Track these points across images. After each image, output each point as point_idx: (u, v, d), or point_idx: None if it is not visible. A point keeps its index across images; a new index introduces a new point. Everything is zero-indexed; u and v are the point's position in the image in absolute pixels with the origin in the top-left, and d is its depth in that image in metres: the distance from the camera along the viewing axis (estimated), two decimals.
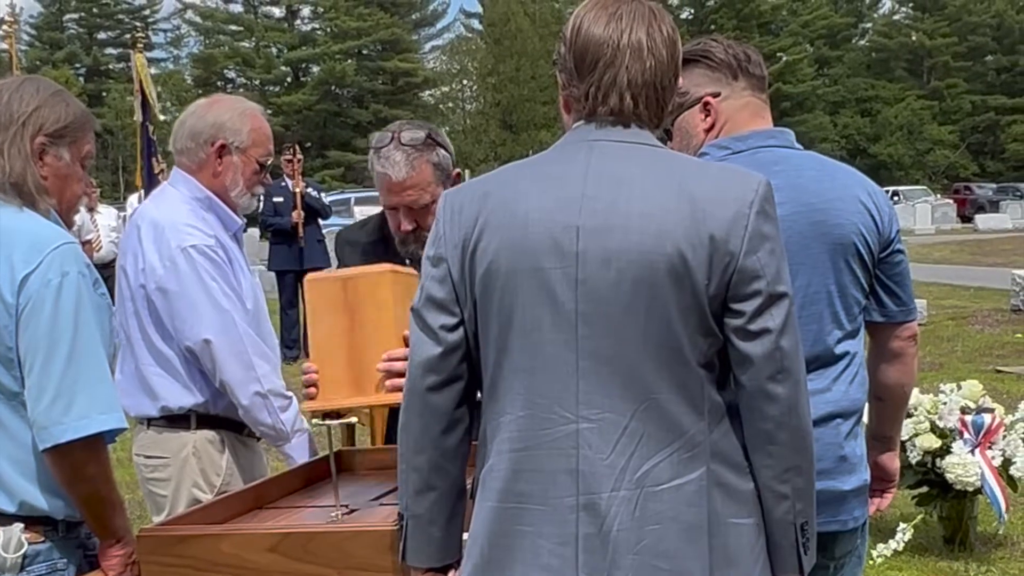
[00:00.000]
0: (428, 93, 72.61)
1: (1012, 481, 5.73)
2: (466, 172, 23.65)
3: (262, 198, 13.24)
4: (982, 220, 41.02)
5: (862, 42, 77.81)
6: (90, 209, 14.40)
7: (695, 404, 2.20)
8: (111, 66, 69.29)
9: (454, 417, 2.34)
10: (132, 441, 3.68)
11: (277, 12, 72.54)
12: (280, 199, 13.28)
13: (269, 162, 3.67)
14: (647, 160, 2.25)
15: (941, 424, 5.75)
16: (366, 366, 2.95)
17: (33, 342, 2.63)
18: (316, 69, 69.00)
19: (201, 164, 3.57)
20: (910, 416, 5.79)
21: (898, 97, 70.65)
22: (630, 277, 2.17)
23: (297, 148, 13.62)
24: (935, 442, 5.70)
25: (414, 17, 73.42)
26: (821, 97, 71.18)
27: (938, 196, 50.95)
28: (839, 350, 2.75)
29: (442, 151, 3.34)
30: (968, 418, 5.71)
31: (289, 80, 70.50)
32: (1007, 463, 5.70)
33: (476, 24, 74.54)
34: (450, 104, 74.13)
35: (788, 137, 2.89)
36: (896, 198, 47.60)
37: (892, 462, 3.07)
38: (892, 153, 68.71)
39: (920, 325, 11.85)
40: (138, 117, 12.07)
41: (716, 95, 2.88)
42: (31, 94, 2.82)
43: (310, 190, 13.46)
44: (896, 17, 76.93)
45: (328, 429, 2.92)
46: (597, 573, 2.19)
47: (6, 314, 2.63)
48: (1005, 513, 5.69)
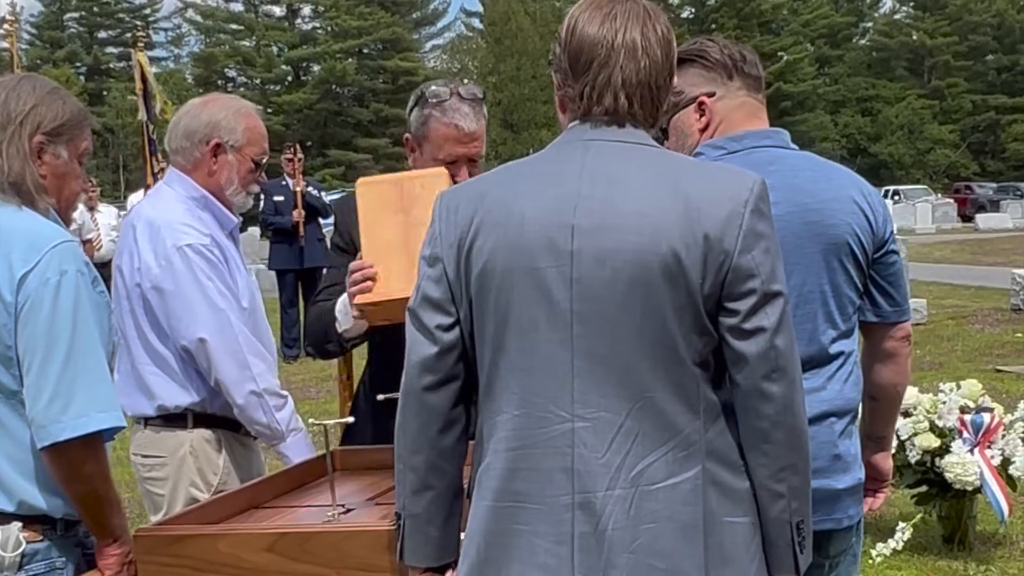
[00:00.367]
0: None
1: (1011, 481, 5.72)
2: None
3: (262, 197, 13.39)
4: (983, 219, 41.03)
5: (863, 41, 77.83)
6: (90, 208, 14.44)
7: (690, 403, 2.20)
8: (112, 65, 69.32)
9: (451, 417, 2.34)
10: (130, 440, 3.68)
11: (278, 11, 72.60)
12: (280, 198, 13.29)
13: (264, 160, 3.67)
14: (642, 159, 2.25)
15: (940, 423, 5.73)
16: None
17: (32, 341, 2.63)
18: (317, 68, 69.04)
19: (196, 163, 3.57)
20: (909, 415, 5.79)
21: (899, 96, 70.64)
22: (625, 276, 2.16)
23: (298, 147, 13.64)
24: (934, 441, 5.68)
25: (415, 16, 73.49)
26: (822, 96, 71.17)
27: (939, 195, 50.91)
28: (833, 349, 2.76)
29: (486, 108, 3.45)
30: (967, 417, 5.70)
31: (290, 79, 70.51)
32: (1006, 462, 5.69)
33: (477, 23, 74.61)
34: None
35: (784, 137, 2.89)
36: (897, 197, 47.63)
37: (885, 461, 3.07)
38: (893, 152, 68.71)
39: (920, 325, 11.88)
40: (142, 116, 12.06)
41: (711, 95, 2.88)
42: (28, 92, 2.82)
43: (310, 189, 13.48)
44: (897, 16, 76.96)
45: (324, 428, 2.92)
46: (593, 572, 2.18)
47: (5, 313, 2.63)
48: (1007, 515, 5.67)
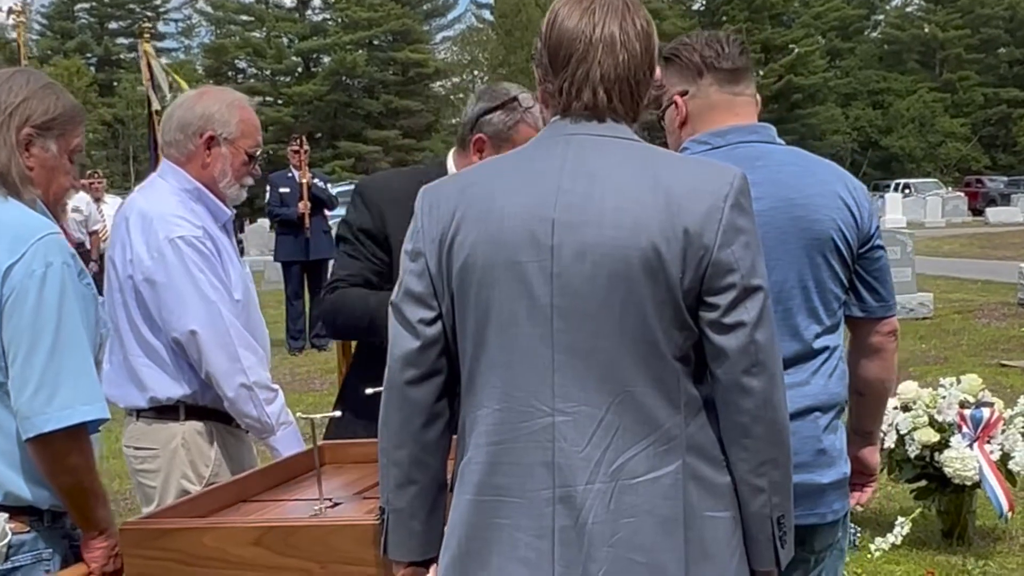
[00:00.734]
0: (439, 84, 72.52)
1: (1011, 476, 5.71)
2: None
3: (268, 189, 13.37)
4: (993, 213, 40.99)
5: (874, 34, 77.59)
6: (96, 199, 14.48)
7: (671, 397, 2.20)
8: (122, 56, 69.28)
9: (434, 411, 2.34)
10: (122, 432, 3.69)
11: (288, 2, 72.49)
12: (286, 190, 13.31)
13: (258, 153, 3.66)
14: (623, 154, 2.25)
15: (940, 418, 5.73)
16: None
17: (17, 332, 2.64)
18: (327, 59, 68.93)
19: (190, 155, 3.57)
20: (909, 410, 5.79)
21: (910, 89, 70.41)
22: (605, 271, 2.17)
23: (304, 139, 13.64)
24: (934, 436, 5.68)
25: (425, 8, 73.32)
26: (833, 89, 70.95)
27: (949, 189, 50.84)
28: (817, 344, 2.76)
29: None
30: (967, 412, 5.69)
31: (300, 70, 70.45)
32: (1005, 457, 5.68)
33: (487, 15, 74.49)
34: (461, 95, 73.87)
35: (769, 132, 2.89)
36: (907, 191, 47.56)
37: (872, 456, 3.07)
38: (904, 146, 68.51)
39: (926, 319, 11.89)
40: (156, 106, 12.07)
41: (684, 93, 2.92)
42: (20, 85, 2.83)
43: (316, 181, 13.48)
44: (908, 9, 76.72)
45: (311, 422, 2.92)
46: (573, 566, 2.19)
47: None
48: (1007, 511, 5.65)
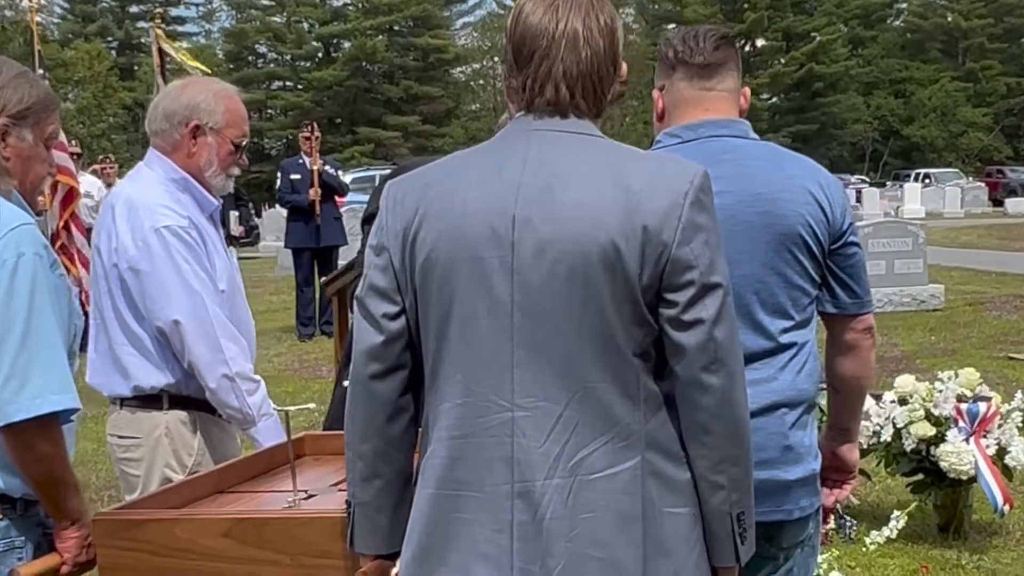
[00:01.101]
0: (459, 70, 72.46)
1: (1007, 470, 5.69)
2: None
3: (279, 175, 13.38)
4: (1012, 204, 40.75)
5: (897, 22, 77.24)
6: (108, 185, 14.50)
7: (630, 394, 2.20)
8: (143, 39, 69.06)
9: (399, 405, 2.35)
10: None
11: None
12: (297, 176, 13.32)
13: (244, 143, 3.67)
14: (584, 150, 2.25)
15: (936, 412, 5.71)
16: None
17: None
18: (347, 45, 68.94)
19: (175, 145, 3.57)
20: (906, 403, 5.77)
21: (932, 78, 70.07)
22: (564, 267, 2.17)
23: (315, 125, 13.64)
24: (930, 430, 5.66)
25: None
26: (854, 78, 70.65)
27: (970, 179, 50.54)
28: (785, 340, 2.75)
29: None
30: (963, 406, 5.67)
31: (320, 55, 70.48)
32: (1002, 451, 5.66)
33: (508, 1, 74.30)
34: (480, 81, 73.95)
35: (742, 127, 2.88)
36: (927, 180, 47.32)
37: (851, 453, 3.06)
38: (925, 135, 68.21)
39: (936, 311, 11.88)
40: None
41: (661, 88, 2.96)
42: None
43: (327, 168, 13.49)
44: None
45: (285, 414, 2.93)
46: (531, 561, 2.19)
47: None
48: (1003, 506, 5.63)
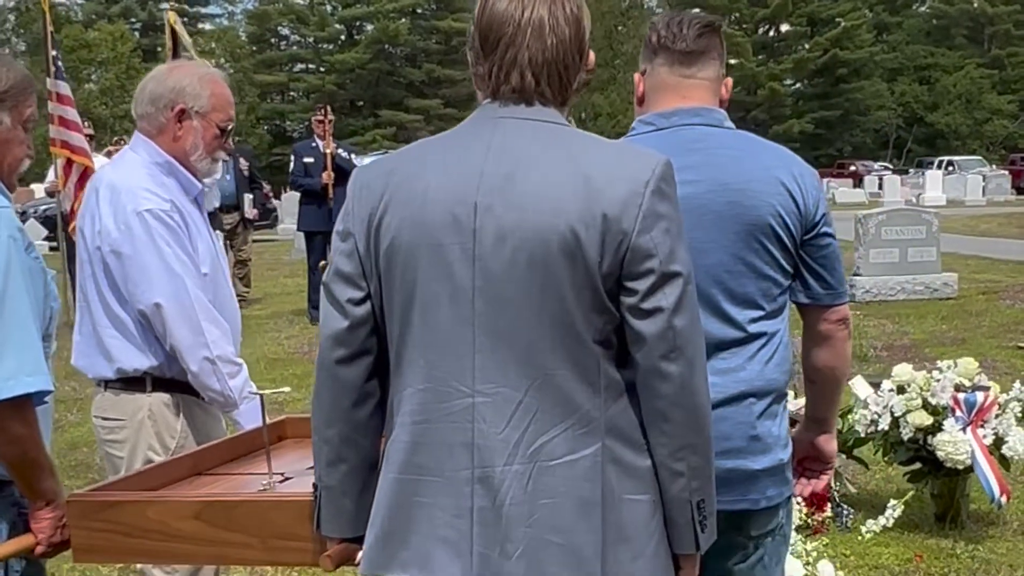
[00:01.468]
0: None
1: (1004, 460, 5.67)
2: None
3: (292, 159, 13.39)
4: None
5: (922, 8, 76.85)
6: None
7: (590, 381, 2.21)
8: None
9: (364, 390, 2.36)
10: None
11: None
12: (310, 160, 13.33)
13: (230, 127, 3.68)
14: (548, 138, 2.26)
15: (933, 401, 5.69)
16: None
17: None
18: (370, 27, 68.98)
19: (161, 128, 3.59)
20: (903, 392, 5.75)
21: (957, 65, 69.70)
22: (525, 254, 2.18)
23: (328, 109, 13.64)
24: (927, 419, 5.64)
25: None
26: (879, 64, 70.35)
27: (993, 167, 50.25)
28: (754, 330, 2.74)
29: None
30: (961, 396, 5.65)
31: (343, 38, 70.54)
32: (999, 441, 5.63)
33: None
34: None
35: (717, 116, 2.87)
36: (950, 168, 47.08)
37: (828, 444, 3.05)
38: (949, 122, 67.91)
39: (949, 299, 11.86)
40: None
41: (643, 72, 2.96)
42: None
43: (340, 151, 13.48)
44: None
45: (261, 398, 2.95)
46: (491, 546, 2.21)
47: None
48: (1000, 496, 5.61)
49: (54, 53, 12.11)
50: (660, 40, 2.90)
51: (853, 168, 55.44)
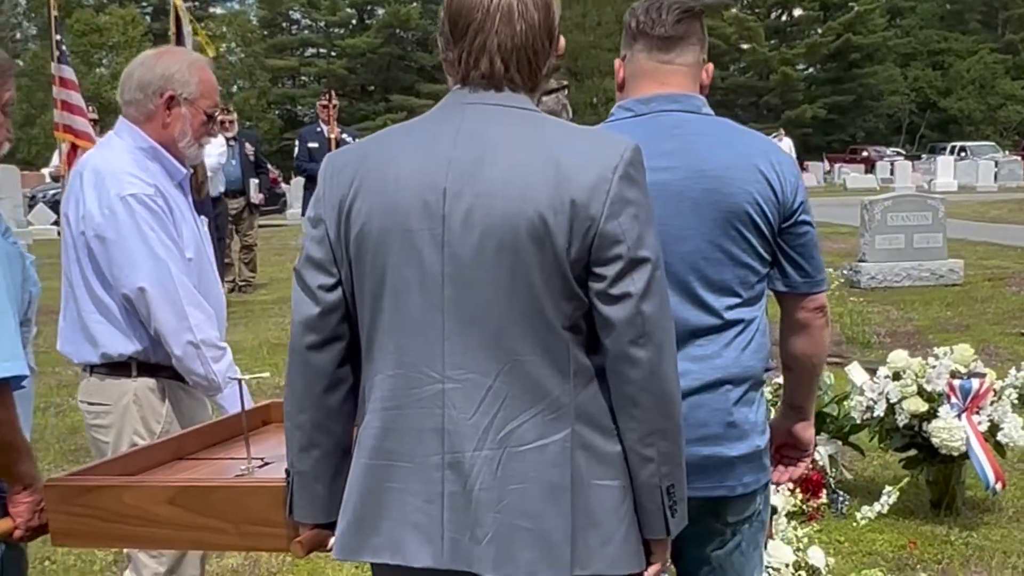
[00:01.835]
0: None
1: (1000, 447, 5.66)
2: None
3: (297, 143, 13.41)
4: None
5: None
6: None
7: (560, 366, 2.21)
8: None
9: (336, 376, 2.37)
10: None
11: None
12: (315, 144, 13.36)
13: (217, 113, 3.69)
14: (517, 124, 2.26)
15: (929, 388, 5.68)
16: None
17: None
18: (381, 12, 68.92)
19: (150, 115, 3.59)
20: (899, 379, 5.74)
21: (971, 50, 69.44)
22: (493, 240, 2.18)
23: (332, 94, 13.65)
24: (922, 406, 5.63)
25: None
26: (892, 49, 70.11)
27: (1006, 152, 50.05)
28: (731, 316, 2.73)
29: None
30: (956, 382, 5.63)
31: (354, 22, 70.52)
32: (994, 428, 5.62)
33: None
34: None
35: (695, 102, 2.84)
36: (963, 154, 46.90)
37: (805, 432, 3.04)
38: (963, 108, 67.68)
39: (955, 286, 11.82)
40: None
41: (623, 58, 2.94)
42: None
43: (345, 136, 13.48)
44: None
45: (239, 383, 2.95)
46: (461, 531, 2.22)
47: None
48: (995, 484, 5.59)
49: (58, 37, 12.11)
50: (639, 25, 2.88)
51: (865, 154, 55.30)
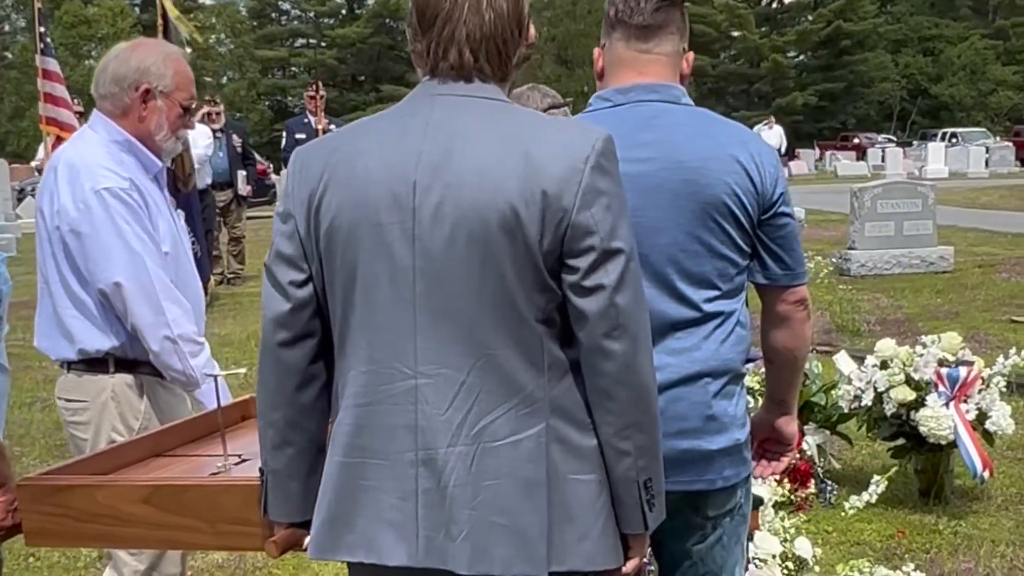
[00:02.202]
0: None
1: (988, 435, 5.64)
2: None
3: (284, 134, 13.36)
4: None
5: None
6: None
7: (533, 360, 2.18)
8: None
9: (308, 373, 2.34)
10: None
11: None
12: (302, 135, 13.30)
13: (192, 106, 3.65)
14: (487, 115, 2.23)
15: (916, 376, 5.66)
16: None
17: None
18: (371, 1, 68.75)
19: (126, 109, 3.55)
20: (886, 367, 5.72)
21: (962, 36, 69.36)
22: (464, 232, 2.15)
23: (319, 84, 13.61)
24: (910, 394, 5.61)
25: None
26: (883, 35, 70.00)
27: (997, 138, 50.02)
28: (710, 309, 2.70)
29: None
30: (944, 371, 5.61)
31: (344, 12, 70.33)
32: (982, 416, 5.60)
33: None
34: None
35: (674, 92, 2.81)
36: (954, 140, 46.91)
37: (788, 426, 3.01)
38: (954, 94, 67.63)
39: (945, 273, 11.83)
40: None
41: (603, 47, 2.90)
42: None
43: (332, 127, 13.45)
44: None
45: (215, 380, 2.92)
46: (436, 528, 2.19)
47: None
48: (983, 472, 5.58)
49: (42, 29, 12.04)
50: (617, 14, 2.84)
51: (856, 141, 55.26)
